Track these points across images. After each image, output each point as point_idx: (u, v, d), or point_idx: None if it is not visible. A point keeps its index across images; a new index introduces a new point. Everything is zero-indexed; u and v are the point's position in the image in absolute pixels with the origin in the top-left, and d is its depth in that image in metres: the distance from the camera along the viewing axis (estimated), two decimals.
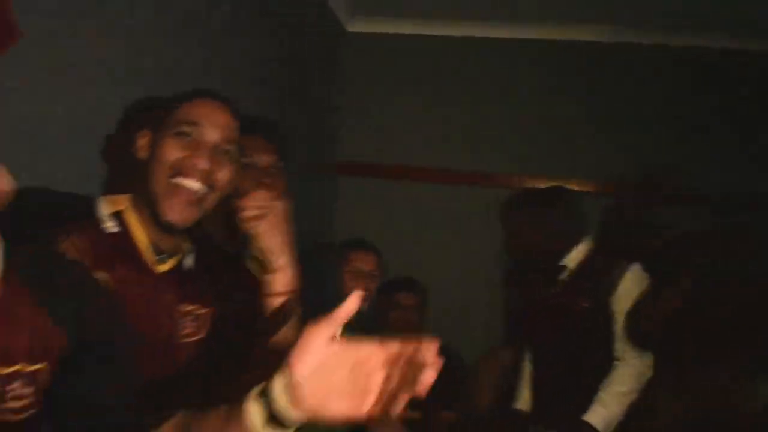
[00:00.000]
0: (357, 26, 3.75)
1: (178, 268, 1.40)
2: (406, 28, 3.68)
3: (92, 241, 1.25)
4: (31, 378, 0.90)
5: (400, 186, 3.66)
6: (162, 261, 1.37)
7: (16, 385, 0.88)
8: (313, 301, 1.37)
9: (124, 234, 1.33)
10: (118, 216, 1.34)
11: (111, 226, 1.31)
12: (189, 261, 1.44)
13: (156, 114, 1.38)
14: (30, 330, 0.92)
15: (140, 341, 1.20)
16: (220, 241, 1.67)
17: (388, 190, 3.68)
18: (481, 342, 3.22)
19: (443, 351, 0.87)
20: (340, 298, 2.29)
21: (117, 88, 1.67)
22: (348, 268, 2.56)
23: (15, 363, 0.89)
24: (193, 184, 1.32)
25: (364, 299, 2.41)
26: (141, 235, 1.34)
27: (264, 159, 1.74)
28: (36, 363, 0.91)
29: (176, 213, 1.30)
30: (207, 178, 1.33)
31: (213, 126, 1.35)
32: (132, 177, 1.39)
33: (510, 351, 2.88)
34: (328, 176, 3.68)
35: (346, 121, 3.76)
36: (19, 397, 0.89)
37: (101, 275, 1.20)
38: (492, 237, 3.04)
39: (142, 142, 1.38)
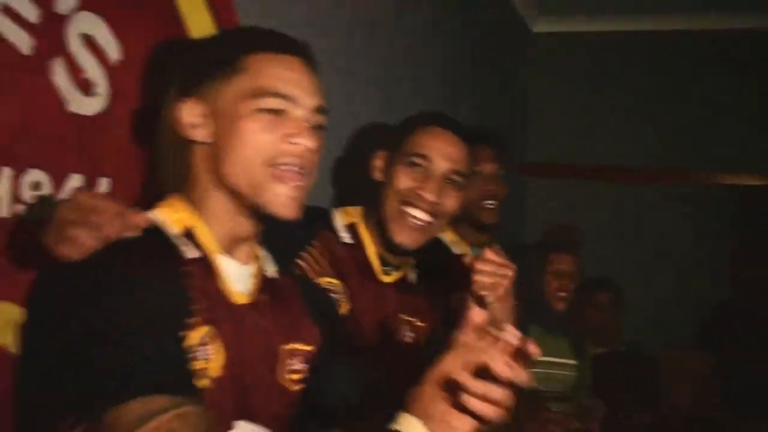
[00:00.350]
0: (541, 26, 3.79)
1: (401, 281, 1.51)
2: (590, 25, 3.66)
3: (330, 250, 1.42)
4: (304, 357, 1.09)
5: (590, 185, 3.65)
6: (388, 273, 1.48)
7: (295, 360, 1.07)
8: (518, 301, 1.44)
9: (357, 245, 1.45)
10: (351, 227, 1.47)
11: (345, 237, 1.45)
12: (412, 276, 1.55)
13: (391, 137, 1.50)
14: (302, 318, 1.11)
15: (366, 341, 1.38)
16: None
17: (576, 188, 3.68)
18: (676, 341, 3.15)
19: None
20: (543, 299, 2.38)
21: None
22: (549, 269, 2.62)
23: (294, 342, 1.08)
24: (421, 214, 1.40)
25: (564, 299, 2.50)
26: (371, 246, 1.46)
27: (488, 168, 1.90)
28: (308, 345, 1.10)
29: (404, 237, 1.40)
30: (434, 209, 1.41)
31: (443, 158, 1.41)
32: (365, 193, 1.51)
33: (703, 351, 2.81)
34: (518, 176, 3.76)
35: (534, 121, 3.82)
36: (297, 371, 1.07)
37: (336, 281, 1.38)
38: (683, 234, 2.98)
39: (378, 163, 1.49)
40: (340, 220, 1.48)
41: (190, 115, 0.99)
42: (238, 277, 1.02)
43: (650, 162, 3.55)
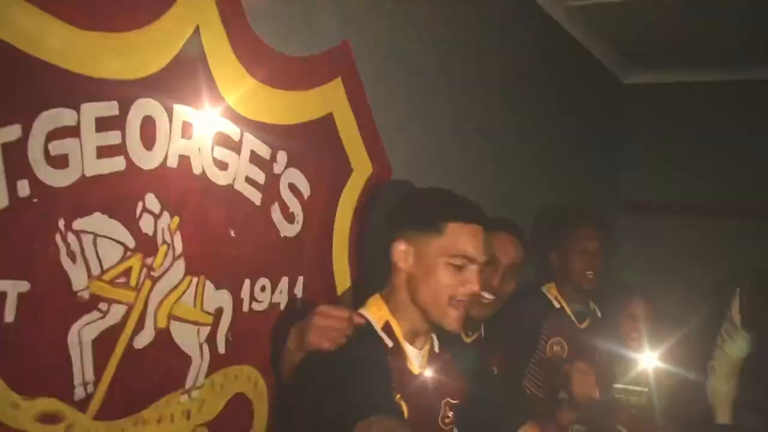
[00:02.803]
0: (631, 78, 4.14)
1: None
2: (677, 76, 3.98)
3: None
4: (453, 407, 1.56)
5: (675, 223, 3.97)
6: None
7: (448, 410, 1.55)
8: None
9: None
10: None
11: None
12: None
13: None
14: (454, 379, 1.58)
15: None
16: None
17: (660, 227, 4.01)
18: None
19: None
20: (622, 337, 2.78)
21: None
22: (625, 313, 2.99)
23: (448, 397, 1.55)
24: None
25: (635, 340, 2.87)
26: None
27: (591, 246, 2.34)
28: (456, 399, 1.57)
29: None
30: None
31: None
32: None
33: None
34: (613, 216, 4.12)
35: (626, 164, 4.17)
36: (449, 418, 1.55)
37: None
38: None
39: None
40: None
41: (401, 251, 1.50)
42: (415, 357, 1.52)
43: (735, 198, 3.83)
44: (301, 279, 1.73)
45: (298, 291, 1.73)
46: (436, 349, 1.58)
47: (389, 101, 2.02)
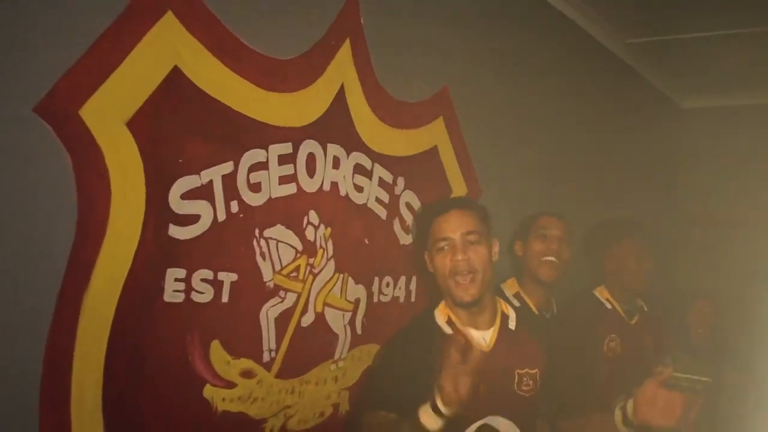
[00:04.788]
0: (688, 104, 4.47)
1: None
2: (731, 100, 4.29)
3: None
4: (531, 376, 1.87)
5: (735, 236, 4.26)
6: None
7: (526, 379, 1.86)
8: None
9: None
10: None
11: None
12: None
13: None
14: (531, 350, 1.88)
15: None
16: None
17: (723, 239, 4.31)
18: None
19: None
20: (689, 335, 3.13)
21: None
22: (694, 309, 3.31)
23: (525, 368, 1.85)
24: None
25: (701, 336, 3.20)
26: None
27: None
28: (534, 369, 1.86)
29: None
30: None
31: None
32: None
33: None
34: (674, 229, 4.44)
35: (686, 183, 4.50)
36: (527, 386, 1.87)
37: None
38: None
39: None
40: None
41: (426, 255, 1.79)
42: (479, 337, 1.73)
43: None
44: (414, 278, 2.17)
45: (412, 287, 2.17)
46: (512, 327, 1.79)
47: (481, 135, 2.46)
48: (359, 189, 1.97)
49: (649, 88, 4.11)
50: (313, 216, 1.83)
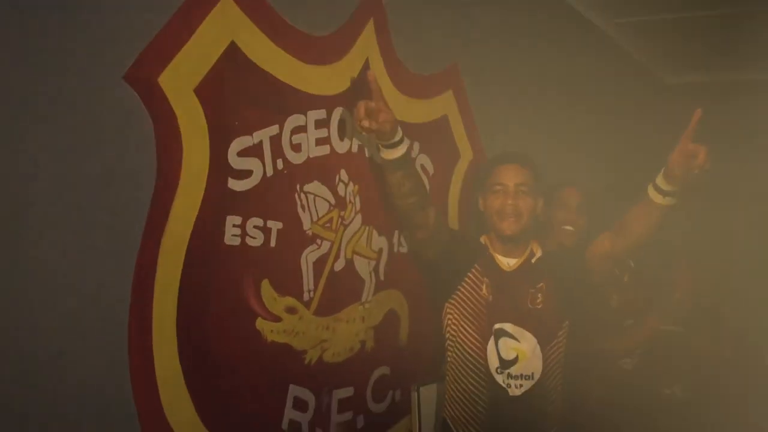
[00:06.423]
0: (672, 79, 4.75)
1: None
2: (713, 77, 4.58)
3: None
4: (542, 293, 2.16)
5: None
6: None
7: (539, 295, 2.15)
8: None
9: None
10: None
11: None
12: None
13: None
14: (545, 275, 2.17)
15: None
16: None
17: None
18: None
19: None
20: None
21: None
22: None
23: (537, 285, 2.18)
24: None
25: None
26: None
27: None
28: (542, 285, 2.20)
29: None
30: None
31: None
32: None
33: None
34: None
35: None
36: (539, 299, 2.15)
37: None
38: None
39: None
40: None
41: (480, 198, 2.20)
42: (505, 262, 2.15)
43: None
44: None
45: None
46: (533, 261, 2.16)
47: (487, 103, 2.72)
48: None
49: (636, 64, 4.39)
50: (343, 174, 2.09)
